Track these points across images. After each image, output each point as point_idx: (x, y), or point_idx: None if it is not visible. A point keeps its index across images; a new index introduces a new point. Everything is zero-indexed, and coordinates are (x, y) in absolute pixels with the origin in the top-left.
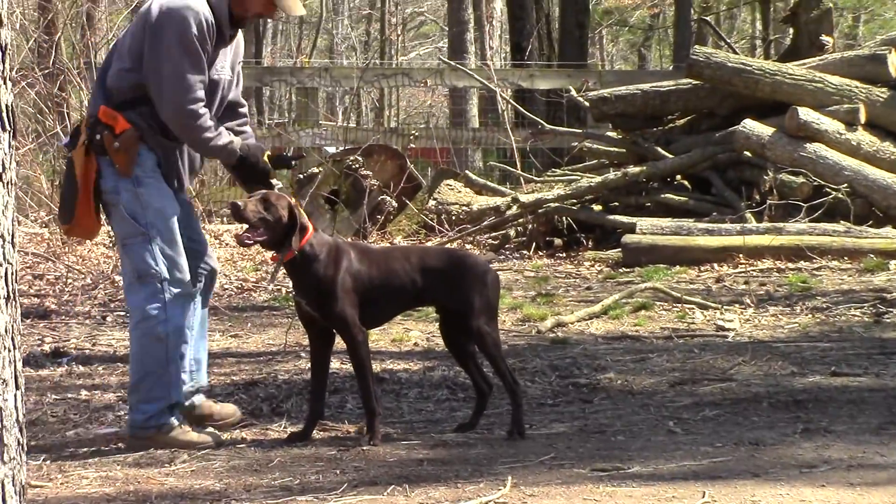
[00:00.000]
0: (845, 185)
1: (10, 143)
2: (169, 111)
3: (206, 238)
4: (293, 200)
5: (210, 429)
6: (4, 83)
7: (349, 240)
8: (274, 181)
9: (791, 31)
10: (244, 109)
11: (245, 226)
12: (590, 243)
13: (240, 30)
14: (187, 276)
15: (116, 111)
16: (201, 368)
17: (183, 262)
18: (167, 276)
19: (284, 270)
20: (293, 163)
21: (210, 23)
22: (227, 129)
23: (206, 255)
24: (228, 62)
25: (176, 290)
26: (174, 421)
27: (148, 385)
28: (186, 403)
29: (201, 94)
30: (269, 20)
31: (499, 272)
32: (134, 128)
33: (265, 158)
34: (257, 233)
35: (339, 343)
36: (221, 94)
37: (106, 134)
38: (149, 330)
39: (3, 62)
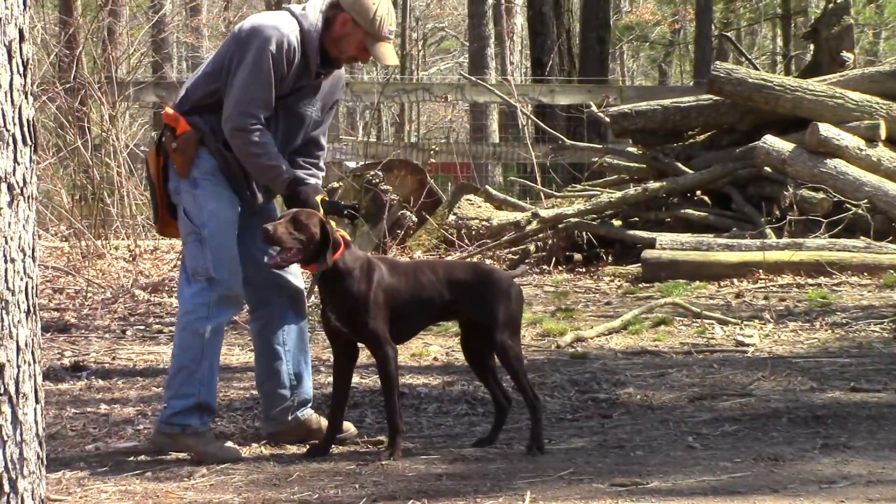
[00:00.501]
0: (865, 200)
1: (31, 157)
2: (225, 116)
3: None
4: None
5: (229, 443)
6: (26, 98)
7: (372, 254)
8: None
9: (812, 47)
10: (321, 152)
11: (278, 248)
12: (609, 258)
13: (337, 70)
14: (235, 281)
15: (183, 115)
16: (303, 382)
17: (233, 265)
18: (215, 275)
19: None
20: (345, 212)
21: (293, 47)
22: (299, 162)
23: (287, 273)
24: (320, 101)
25: (221, 292)
26: (199, 426)
27: (180, 380)
28: (290, 417)
29: (258, 110)
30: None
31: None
32: (194, 130)
33: (317, 199)
34: (290, 254)
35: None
36: (305, 131)
37: (168, 135)
38: (189, 324)
39: (25, 77)
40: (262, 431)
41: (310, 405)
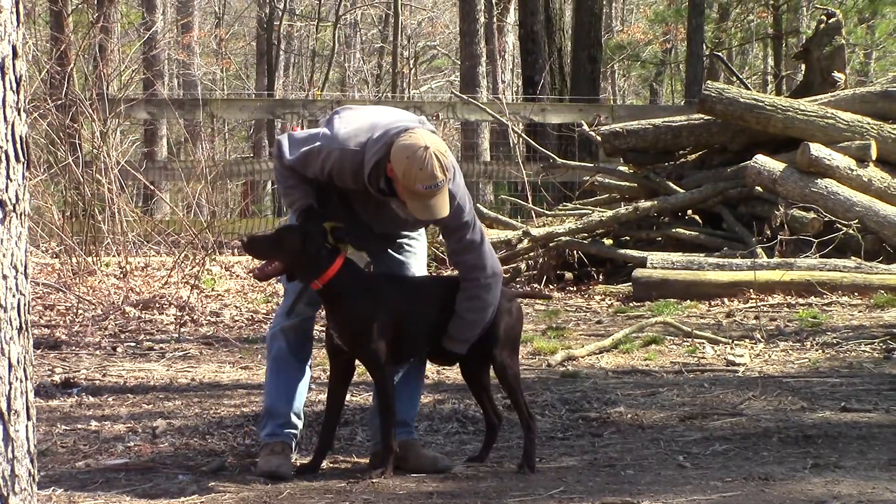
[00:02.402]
0: (856, 220)
1: (23, 174)
2: None
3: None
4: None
5: (276, 458)
6: (19, 114)
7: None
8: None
9: (803, 67)
10: (472, 275)
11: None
12: (600, 277)
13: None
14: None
15: None
16: (408, 403)
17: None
18: (285, 286)
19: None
20: (345, 238)
21: (326, 165)
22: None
23: None
24: (407, 221)
25: (286, 302)
26: (264, 439)
27: None
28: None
29: (279, 148)
30: None
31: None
32: None
33: (325, 226)
34: (270, 268)
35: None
36: (399, 224)
37: None
38: None
39: (18, 93)
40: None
41: (407, 430)
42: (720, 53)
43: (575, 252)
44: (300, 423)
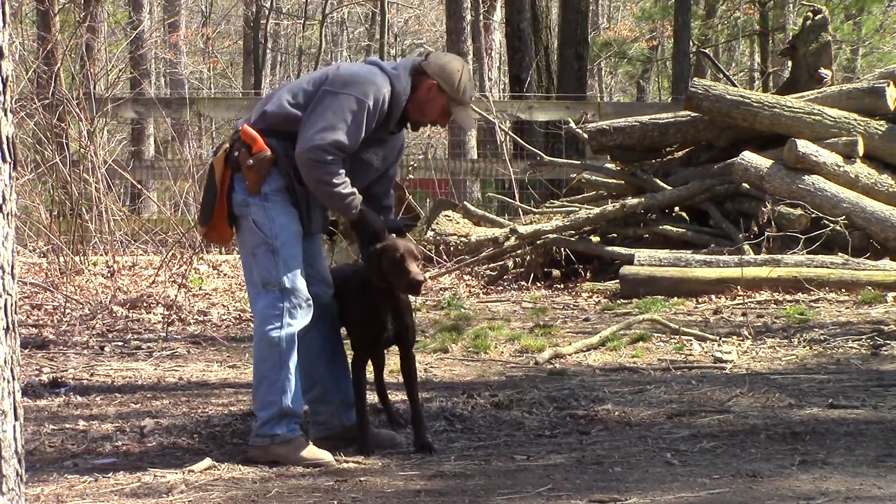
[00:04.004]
0: (843, 217)
1: (10, 174)
2: (305, 146)
3: (329, 277)
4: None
5: (315, 448)
6: (5, 114)
7: None
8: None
9: (789, 63)
10: (387, 202)
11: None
12: (588, 274)
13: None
14: (305, 289)
15: (260, 134)
16: (347, 387)
17: (302, 274)
18: (287, 285)
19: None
20: (403, 227)
21: (385, 108)
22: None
23: (317, 284)
24: (384, 151)
25: (294, 300)
26: (286, 434)
27: (263, 391)
28: (337, 422)
29: (338, 152)
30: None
31: (497, 303)
32: (269, 151)
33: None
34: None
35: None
36: (367, 178)
37: (243, 151)
38: (265, 335)
39: (4, 93)
40: (311, 437)
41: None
42: (707, 50)
43: (562, 249)
44: None
